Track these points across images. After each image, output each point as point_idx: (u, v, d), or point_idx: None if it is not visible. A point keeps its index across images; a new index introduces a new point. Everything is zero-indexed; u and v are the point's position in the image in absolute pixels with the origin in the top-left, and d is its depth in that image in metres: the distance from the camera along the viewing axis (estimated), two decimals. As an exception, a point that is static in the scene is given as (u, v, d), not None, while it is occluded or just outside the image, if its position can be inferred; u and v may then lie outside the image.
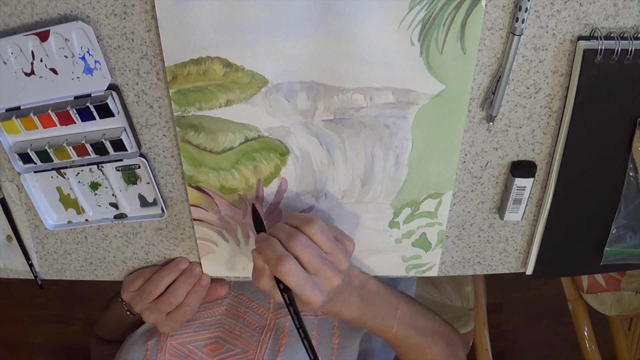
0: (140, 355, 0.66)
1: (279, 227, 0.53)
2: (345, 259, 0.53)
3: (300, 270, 0.50)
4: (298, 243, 0.50)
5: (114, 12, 0.50)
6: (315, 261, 0.50)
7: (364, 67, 0.51)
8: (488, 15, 0.49)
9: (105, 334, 0.80)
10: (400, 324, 0.63)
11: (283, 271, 0.49)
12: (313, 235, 0.51)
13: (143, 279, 0.64)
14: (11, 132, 0.56)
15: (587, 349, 1.04)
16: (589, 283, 0.99)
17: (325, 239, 0.52)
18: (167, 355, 0.65)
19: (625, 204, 0.58)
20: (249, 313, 0.69)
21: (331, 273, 0.51)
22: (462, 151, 0.57)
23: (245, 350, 0.66)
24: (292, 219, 0.53)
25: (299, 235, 0.51)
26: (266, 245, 0.51)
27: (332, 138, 0.56)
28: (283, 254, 0.50)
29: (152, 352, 0.66)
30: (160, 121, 0.56)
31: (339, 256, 0.53)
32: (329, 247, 0.52)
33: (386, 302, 0.63)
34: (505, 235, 0.63)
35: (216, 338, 0.68)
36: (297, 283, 0.50)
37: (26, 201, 0.62)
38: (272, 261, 0.50)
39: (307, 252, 0.50)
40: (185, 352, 0.66)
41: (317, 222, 0.52)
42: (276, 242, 0.51)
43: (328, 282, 0.52)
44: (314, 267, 0.51)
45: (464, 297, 1.12)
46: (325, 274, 0.51)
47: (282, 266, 0.49)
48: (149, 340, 0.67)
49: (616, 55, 0.49)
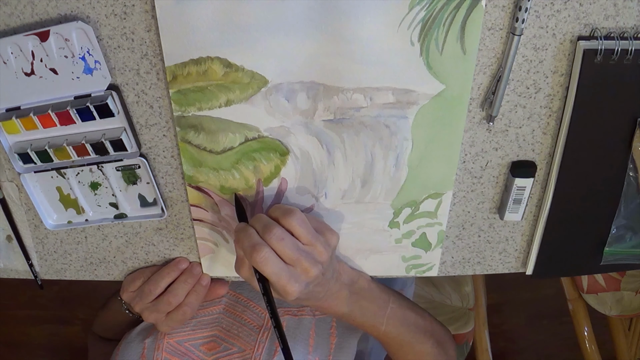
0: (137, 353, 0.66)
1: (257, 218, 0.53)
2: (325, 250, 0.53)
3: (276, 259, 0.50)
4: (273, 234, 0.51)
5: (114, 12, 0.50)
6: (291, 252, 0.51)
7: (364, 67, 0.51)
8: (488, 15, 0.49)
9: (103, 332, 0.80)
10: (390, 321, 0.64)
11: (257, 260, 0.50)
12: (292, 227, 0.52)
13: (143, 278, 0.64)
14: (11, 132, 0.56)
15: (587, 349, 1.04)
16: (589, 283, 0.99)
17: (304, 231, 0.52)
18: (164, 353, 0.65)
19: (625, 204, 0.58)
20: (247, 312, 0.69)
21: (308, 264, 0.52)
22: (462, 151, 0.57)
23: (242, 349, 0.66)
24: (273, 210, 0.54)
25: (275, 227, 0.51)
26: (243, 235, 0.51)
27: (332, 138, 0.56)
28: (258, 242, 0.50)
29: (149, 350, 0.66)
30: (160, 121, 0.56)
31: (318, 247, 0.53)
32: (307, 239, 0.52)
33: (376, 299, 0.63)
34: (505, 235, 0.63)
35: (213, 337, 0.68)
36: (272, 272, 0.50)
37: (26, 201, 0.62)
38: (247, 250, 0.50)
39: (282, 243, 0.51)
40: (182, 350, 0.66)
41: (296, 213, 0.52)
42: (253, 231, 0.51)
43: (305, 273, 0.52)
44: (290, 258, 0.51)
45: (463, 297, 1.12)
46: (301, 264, 0.51)
47: (257, 255, 0.50)
48: (146, 339, 0.67)
49: (616, 55, 0.49)
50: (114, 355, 0.68)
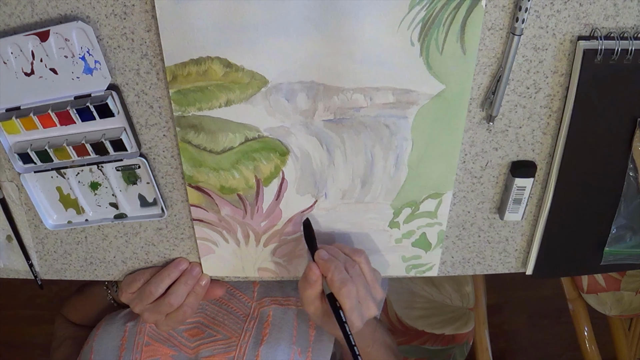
0: (117, 336, 0.67)
1: (337, 251, 0.58)
2: (380, 290, 0.59)
3: (356, 295, 0.55)
4: (355, 271, 0.56)
5: (114, 12, 0.50)
6: (363, 290, 0.56)
7: (364, 67, 0.51)
8: (488, 15, 0.49)
9: (76, 317, 0.80)
10: (375, 344, 0.69)
11: (345, 293, 0.55)
12: (361, 264, 0.58)
13: (142, 280, 0.64)
14: (11, 132, 0.56)
15: (587, 349, 1.04)
16: (589, 283, 0.99)
17: (369, 270, 0.58)
18: (146, 337, 0.66)
19: (625, 204, 0.58)
20: (233, 301, 0.71)
21: (372, 303, 0.57)
22: (462, 151, 0.57)
23: (227, 336, 0.67)
24: (342, 247, 0.59)
25: (355, 264, 0.57)
26: (334, 266, 0.56)
27: (332, 138, 0.56)
28: (347, 278, 0.55)
29: (130, 333, 0.67)
30: (160, 121, 0.56)
31: (377, 287, 0.59)
32: (370, 278, 0.58)
33: (369, 323, 0.67)
34: (505, 235, 0.63)
35: (197, 323, 0.69)
36: (351, 306, 0.55)
37: (26, 201, 0.62)
38: (336, 282, 0.55)
39: (360, 281, 0.56)
40: (165, 335, 0.68)
41: (363, 253, 0.59)
42: (341, 265, 0.56)
43: (368, 310, 0.57)
44: (362, 295, 0.56)
45: (464, 297, 1.12)
46: (367, 303, 0.57)
47: (345, 288, 0.55)
48: (128, 322, 0.69)
49: (616, 55, 0.49)
50: (93, 336, 0.68)
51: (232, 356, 0.65)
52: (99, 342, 0.67)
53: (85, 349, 0.68)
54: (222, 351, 0.65)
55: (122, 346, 0.66)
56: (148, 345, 0.66)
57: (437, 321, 1.14)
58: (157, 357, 0.65)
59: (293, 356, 0.64)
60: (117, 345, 0.66)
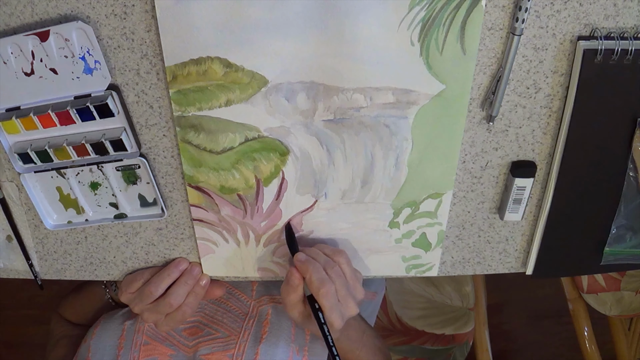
0: (116, 335, 0.67)
1: (316, 253, 0.59)
2: (361, 290, 0.59)
3: (335, 294, 0.56)
4: (335, 271, 0.57)
5: (114, 12, 0.50)
6: (344, 290, 0.57)
7: (364, 67, 0.51)
8: (488, 15, 0.49)
9: (74, 316, 0.80)
10: (364, 348, 0.70)
11: (323, 293, 0.55)
12: (341, 265, 0.58)
13: (142, 280, 0.64)
14: (11, 132, 0.56)
15: (587, 349, 1.04)
16: (589, 283, 0.99)
17: (349, 270, 0.58)
18: (145, 336, 0.66)
19: (625, 204, 0.58)
20: (232, 300, 0.71)
21: (352, 303, 0.57)
22: (462, 151, 0.57)
23: (226, 334, 0.67)
24: (322, 248, 0.60)
25: (335, 264, 0.58)
26: (313, 267, 0.56)
27: (332, 138, 0.56)
28: (325, 278, 0.56)
29: (128, 332, 0.67)
30: (160, 121, 0.56)
31: (358, 287, 0.59)
32: (351, 278, 0.58)
33: (358, 328, 0.70)
34: (505, 235, 0.63)
35: (196, 322, 0.69)
36: (330, 305, 0.55)
37: (26, 201, 0.62)
38: (315, 282, 0.55)
39: (339, 281, 0.57)
40: (164, 334, 0.68)
41: (344, 253, 0.59)
42: (320, 266, 0.57)
43: (348, 310, 0.57)
44: (342, 295, 0.57)
45: (464, 297, 1.12)
46: (348, 302, 0.57)
47: (324, 288, 0.55)
48: (126, 321, 0.69)
49: (616, 55, 0.49)
50: (91, 334, 0.68)
51: (231, 354, 0.65)
52: (96, 340, 0.67)
53: (83, 347, 0.68)
54: (221, 349, 0.65)
55: (120, 345, 0.66)
56: (146, 344, 0.66)
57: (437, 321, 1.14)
58: (155, 356, 0.65)
59: (291, 354, 0.64)
60: (115, 344, 0.66)
